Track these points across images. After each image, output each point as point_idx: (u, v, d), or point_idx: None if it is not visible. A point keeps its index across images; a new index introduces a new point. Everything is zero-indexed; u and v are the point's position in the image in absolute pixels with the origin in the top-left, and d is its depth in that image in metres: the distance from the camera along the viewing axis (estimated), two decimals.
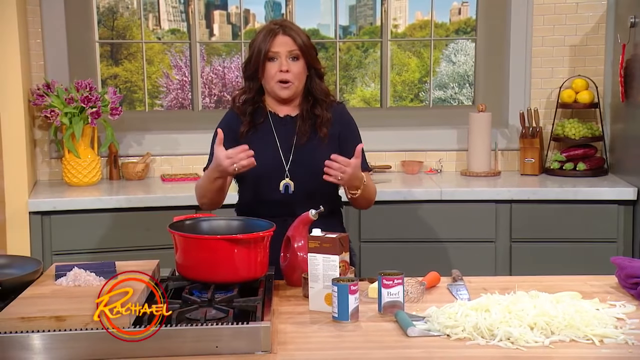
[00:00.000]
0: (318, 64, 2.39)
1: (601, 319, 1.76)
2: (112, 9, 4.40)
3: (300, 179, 2.35)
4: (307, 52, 2.34)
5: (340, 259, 1.91)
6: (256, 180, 2.37)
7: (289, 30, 2.34)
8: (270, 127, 2.39)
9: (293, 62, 2.34)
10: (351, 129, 2.45)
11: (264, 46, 2.32)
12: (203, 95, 4.35)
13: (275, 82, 2.34)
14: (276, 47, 2.32)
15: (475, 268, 3.01)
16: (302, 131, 2.37)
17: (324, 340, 1.72)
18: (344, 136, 2.41)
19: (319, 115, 2.38)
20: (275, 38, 2.32)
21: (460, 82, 4.96)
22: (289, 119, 2.40)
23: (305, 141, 2.37)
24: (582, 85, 3.71)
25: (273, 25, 2.36)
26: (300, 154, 2.36)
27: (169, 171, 3.79)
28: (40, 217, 3.18)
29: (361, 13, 4.92)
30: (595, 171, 3.64)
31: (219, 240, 1.89)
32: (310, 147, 2.37)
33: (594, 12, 3.75)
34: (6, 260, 2.02)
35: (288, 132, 2.39)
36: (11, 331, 1.58)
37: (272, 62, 2.33)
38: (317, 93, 2.39)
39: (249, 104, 2.40)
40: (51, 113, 3.42)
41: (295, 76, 2.34)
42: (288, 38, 2.33)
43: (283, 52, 2.32)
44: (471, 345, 1.67)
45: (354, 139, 2.41)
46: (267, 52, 2.32)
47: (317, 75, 2.40)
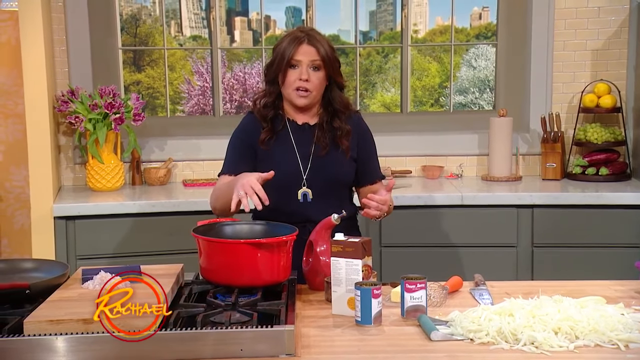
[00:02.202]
0: (340, 77, 2.39)
1: (626, 323, 1.75)
2: (134, 16, 4.45)
3: (318, 187, 2.35)
4: (329, 63, 2.34)
5: (363, 263, 1.92)
6: (274, 188, 2.33)
7: (314, 40, 2.33)
8: (288, 134, 2.39)
9: (314, 71, 2.33)
10: (367, 138, 2.46)
11: (287, 53, 2.32)
12: (224, 101, 4.38)
13: (293, 90, 2.34)
14: (299, 55, 2.32)
15: (497, 273, 3.00)
16: (321, 143, 2.37)
17: (347, 344, 1.73)
18: (361, 146, 2.43)
19: (338, 127, 2.38)
20: (300, 46, 2.32)
21: (481, 87, 4.95)
22: (307, 127, 2.41)
23: (325, 153, 2.37)
24: (604, 89, 3.69)
25: (299, 32, 2.36)
26: (319, 164, 2.37)
27: (190, 176, 3.82)
28: (64, 221, 3.22)
29: (381, 18, 4.93)
30: (618, 176, 3.61)
31: (242, 245, 1.90)
32: (330, 158, 2.37)
33: (616, 16, 3.74)
34: (34, 264, 2.05)
35: (306, 140, 2.39)
36: (40, 334, 1.61)
37: (293, 69, 2.33)
38: (336, 104, 2.39)
39: (270, 108, 2.40)
40: (75, 119, 3.46)
41: (314, 86, 2.33)
42: (312, 48, 2.32)
43: (305, 61, 2.32)
44: (495, 349, 1.67)
45: (369, 148, 2.44)
46: (289, 59, 2.32)
47: (338, 86, 2.40)
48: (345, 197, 2.44)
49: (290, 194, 2.35)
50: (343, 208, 2.22)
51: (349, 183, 2.45)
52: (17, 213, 3.83)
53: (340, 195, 2.39)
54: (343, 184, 2.41)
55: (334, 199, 2.34)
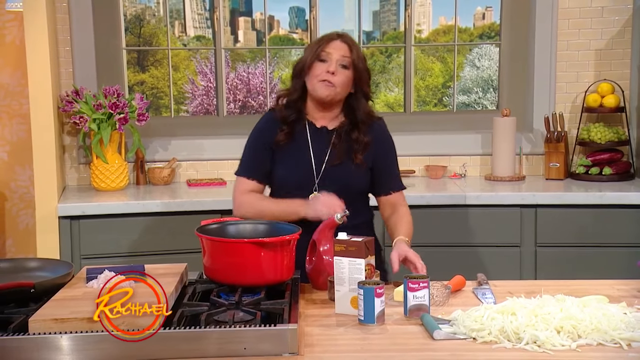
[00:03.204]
0: (367, 87, 2.34)
1: (629, 322, 1.75)
2: (138, 16, 4.47)
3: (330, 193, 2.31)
4: (357, 67, 2.29)
5: (366, 262, 1.92)
6: (286, 190, 2.36)
7: (348, 39, 2.32)
8: (306, 137, 2.37)
9: (342, 69, 2.29)
10: (386, 147, 2.41)
11: (318, 46, 2.30)
12: (228, 101, 4.39)
13: (317, 81, 2.29)
14: (330, 49, 2.29)
15: (501, 273, 3.00)
16: (336, 151, 2.34)
17: (350, 343, 1.74)
18: (378, 155, 2.38)
19: (356, 139, 2.34)
20: (332, 42, 2.30)
21: (484, 86, 4.96)
22: (325, 131, 2.37)
23: (339, 163, 2.34)
24: (607, 89, 3.69)
25: (334, 33, 2.35)
26: (331, 172, 2.34)
27: (194, 176, 3.83)
28: (69, 221, 3.23)
29: (385, 18, 4.94)
30: (622, 176, 3.61)
31: (246, 244, 1.91)
32: (343, 167, 2.34)
33: (620, 16, 3.73)
34: (39, 264, 2.05)
35: (322, 145, 2.36)
36: (44, 332, 1.62)
37: (322, 63, 2.29)
38: (358, 113, 2.35)
39: (292, 109, 2.36)
40: (80, 119, 3.47)
41: (340, 82, 2.29)
42: (344, 45, 2.30)
43: (335, 55, 2.28)
44: (497, 348, 1.67)
45: (387, 157, 2.40)
46: (319, 52, 2.29)
47: (363, 95, 2.35)
48: (359, 203, 2.39)
49: (301, 197, 2.32)
50: (356, 215, 2.22)
51: (363, 191, 2.41)
52: (22, 213, 3.85)
53: (354, 201, 2.34)
54: (354, 191, 2.37)
55: (346, 205, 2.29)
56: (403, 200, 2.44)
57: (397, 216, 2.39)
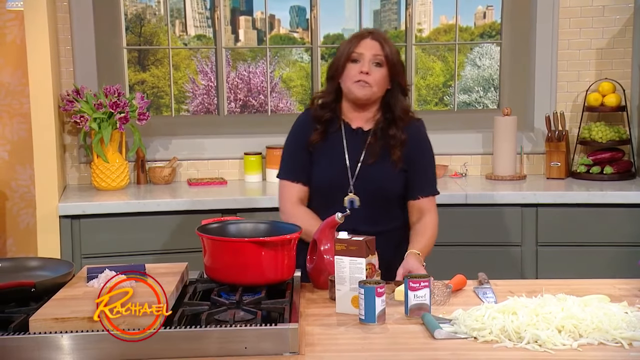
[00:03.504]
0: (403, 80, 2.30)
1: (630, 322, 1.75)
2: (139, 15, 4.47)
3: (365, 196, 2.29)
4: (392, 63, 2.26)
5: (367, 262, 1.92)
6: (321, 191, 2.33)
7: (379, 36, 2.28)
8: (341, 138, 2.33)
9: (376, 67, 2.25)
10: (422, 149, 2.35)
11: (349, 47, 2.27)
12: (229, 100, 4.39)
13: (352, 82, 2.26)
14: (361, 48, 2.26)
15: (502, 272, 3.00)
16: (371, 150, 2.30)
17: (351, 342, 1.73)
18: (412, 156, 2.32)
19: (393, 135, 2.29)
20: (363, 40, 2.27)
21: (485, 85, 4.95)
22: (361, 132, 2.33)
23: (373, 162, 2.30)
24: (608, 88, 3.69)
25: (364, 30, 2.32)
26: (366, 172, 2.30)
27: (195, 175, 3.82)
28: (69, 220, 3.23)
29: (385, 17, 4.94)
30: (623, 175, 3.61)
31: (246, 243, 1.91)
32: (377, 168, 2.30)
33: (621, 14, 3.73)
34: (39, 263, 2.05)
35: (357, 145, 2.32)
36: (45, 331, 1.62)
37: (354, 63, 2.26)
38: (396, 109, 2.30)
39: (327, 109, 2.33)
40: (80, 118, 3.47)
41: (374, 81, 2.25)
42: (376, 43, 2.26)
43: (367, 55, 2.25)
44: (498, 347, 1.67)
45: (421, 160, 2.34)
46: (350, 53, 2.26)
47: (400, 90, 2.31)
48: (394, 207, 2.35)
49: (335, 199, 2.30)
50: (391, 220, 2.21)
51: (398, 194, 2.34)
52: (23, 212, 3.85)
53: (389, 206, 2.31)
54: (390, 195, 2.32)
55: (382, 209, 2.27)
56: (432, 208, 2.37)
57: (420, 226, 2.33)
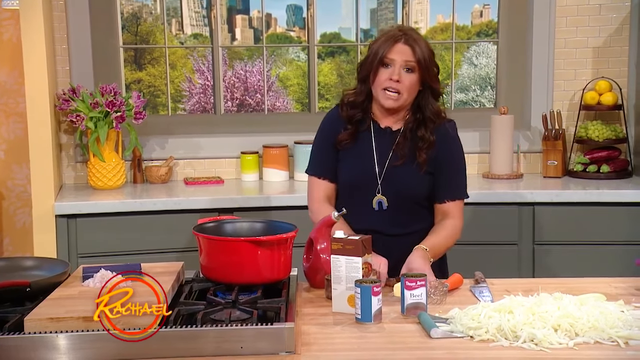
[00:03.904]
0: (435, 82, 2.27)
1: (626, 320, 1.75)
2: (135, 14, 4.46)
3: (392, 197, 2.27)
4: (424, 66, 2.22)
5: (363, 261, 1.92)
6: (348, 190, 2.30)
7: (411, 40, 2.22)
8: (370, 136, 2.31)
9: (407, 73, 2.21)
10: (451, 151, 2.31)
11: (381, 51, 2.22)
12: (225, 99, 4.38)
13: (381, 89, 2.23)
14: (393, 54, 2.21)
15: (498, 271, 2.98)
16: (399, 151, 2.28)
17: (347, 342, 1.73)
18: (441, 159, 2.28)
19: (421, 137, 2.26)
20: (395, 45, 2.22)
21: (482, 84, 4.95)
22: (389, 132, 2.31)
23: (401, 163, 2.27)
24: (605, 87, 3.69)
25: (397, 31, 2.25)
26: (393, 173, 2.27)
27: (191, 174, 3.82)
28: (66, 220, 3.22)
29: (382, 16, 4.93)
30: (619, 173, 3.61)
31: (242, 242, 1.91)
32: (404, 169, 2.27)
33: (618, 13, 3.73)
34: (35, 262, 2.05)
35: (386, 145, 2.30)
36: (40, 331, 1.61)
37: (385, 68, 2.22)
38: (427, 111, 2.27)
39: (358, 109, 2.31)
40: (76, 117, 3.47)
41: (405, 88, 2.22)
42: (408, 48, 2.21)
43: (399, 60, 2.21)
44: (494, 346, 1.67)
45: (449, 161, 2.30)
46: (382, 58, 2.22)
47: (432, 93, 2.28)
48: (421, 209, 2.32)
49: (363, 199, 2.28)
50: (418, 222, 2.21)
51: (425, 196, 2.30)
52: (19, 211, 3.84)
53: (416, 208, 2.29)
54: (416, 197, 2.28)
55: (408, 211, 2.24)
56: (457, 212, 2.32)
57: (439, 226, 2.29)
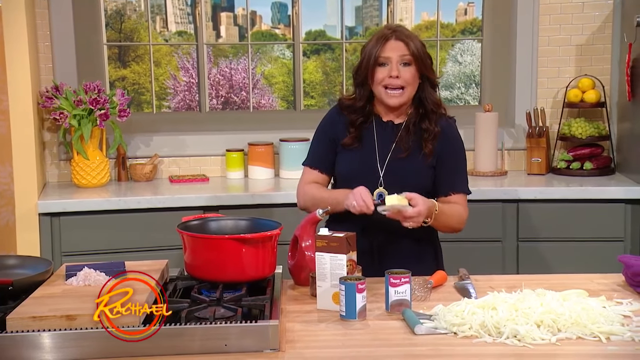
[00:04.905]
0: (432, 73, 2.29)
1: (608, 316, 1.76)
2: (119, 11, 4.44)
3: (394, 190, 2.23)
4: (420, 59, 2.24)
5: (348, 258, 1.92)
6: (348, 184, 2.28)
7: (402, 35, 2.25)
8: (372, 131, 2.32)
9: (404, 67, 2.24)
10: (452, 148, 2.31)
11: (375, 51, 2.25)
12: (210, 97, 4.37)
13: (382, 87, 2.25)
14: (387, 52, 2.24)
15: (483, 268, 3.00)
16: (402, 144, 2.28)
17: (332, 339, 1.74)
18: (444, 153, 2.29)
19: (426, 129, 2.27)
20: (387, 43, 2.24)
21: (467, 82, 4.97)
22: (391, 125, 2.32)
23: (405, 156, 2.28)
24: (588, 84, 3.72)
25: (386, 30, 2.28)
26: (396, 166, 2.27)
27: (176, 172, 3.81)
28: (49, 218, 3.21)
29: (367, 14, 4.94)
30: (602, 170, 3.64)
31: (227, 240, 1.90)
32: (408, 162, 2.28)
33: (600, 11, 3.76)
34: (17, 261, 2.04)
35: (388, 139, 2.31)
36: (23, 330, 1.60)
37: (382, 67, 2.25)
38: (428, 103, 2.29)
39: (359, 113, 2.32)
40: (60, 115, 3.44)
41: (406, 82, 2.24)
42: (400, 43, 2.24)
43: (394, 57, 2.23)
44: (478, 342, 1.68)
45: (451, 157, 2.30)
46: (377, 57, 2.24)
47: (430, 84, 2.30)
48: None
49: None
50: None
51: (426, 190, 2.27)
52: (2, 210, 3.80)
53: None
54: (419, 190, 2.23)
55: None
56: (463, 204, 2.32)
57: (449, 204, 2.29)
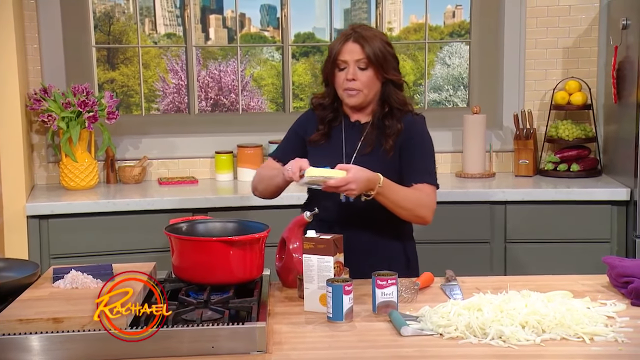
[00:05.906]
0: (393, 74, 2.29)
1: (591, 317, 1.78)
2: (108, 13, 4.43)
3: None
4: (376, 62, 2.24)
5: (335, 260, 1.93)
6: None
7: (360, 37, 2.25)
8: (340, 131, 2.36)
9: (361, 71, 2.25)
10: (415, 140, 2.31)
11: (334, 52, 2.27)
12: (199, 99, 4.37)
13: (342, 90, 2.28)
14: (344, 55, 2.25)
15: (471, 269, 3.02)
16: (367, 140, 2.31)
17: (319, 340, 1.74)
18: (408, 146, 2.30)
19: (389, 125, 2.29)
20: (345, 44, 2.26)
21: (455, 84, 5.00)
22: (358, 125, 2.35)
23: (369, 151, 2.30)
24: (575, 86, 3.74)
25: (349, 29, 2.30)
26: (361, 163, 2.26)
27: (165, 174, 3.81)
28: (37, 220, 3.20)
29: (356, 16, 4.96)
30: (589, 172, 3.67)
31: (214, 242, 1.91)
32: (373, 157, 2.30)
33: (587, 14, 3.79)
34: (4, 264, 2.03)
35: (355, 138, 2.33)
36: (9, 333, 1.60)
37: (341, 70, 2.27)
38: (393, 102, 2.30)
39: (329, 110, 2.36)
40: (48, 117, 3.44)
41: (363, 84, 2.26)
42: (357, 46, 2.24)
43: (351, 60, 2.25)
44: (464, 344, 1.69)
45: (416, 149, 2.30)
46: (336, 60, 2.27)
47: (394, 84, 2.30)
48: None
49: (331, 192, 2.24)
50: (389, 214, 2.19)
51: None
52: None
53: None
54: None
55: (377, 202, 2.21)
56: (431, 193, 2.30)
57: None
